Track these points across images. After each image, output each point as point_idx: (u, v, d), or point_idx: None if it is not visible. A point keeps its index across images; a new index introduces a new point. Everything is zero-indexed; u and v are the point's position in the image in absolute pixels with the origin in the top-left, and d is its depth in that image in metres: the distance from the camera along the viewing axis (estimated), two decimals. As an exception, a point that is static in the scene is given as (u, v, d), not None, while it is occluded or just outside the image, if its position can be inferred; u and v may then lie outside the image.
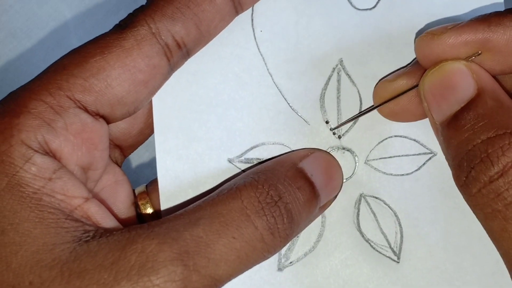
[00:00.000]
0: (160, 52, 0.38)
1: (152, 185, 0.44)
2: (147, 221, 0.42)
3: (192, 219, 0.35)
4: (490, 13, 0.36)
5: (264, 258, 0.37)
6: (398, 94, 0.39)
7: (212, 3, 0.38)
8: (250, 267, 0.36)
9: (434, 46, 0.37)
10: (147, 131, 0.43)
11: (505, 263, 0.35)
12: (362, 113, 0.41)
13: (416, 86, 0.39)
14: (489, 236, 0.35)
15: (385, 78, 0.41)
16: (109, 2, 0.77)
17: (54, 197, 0.35)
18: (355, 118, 0.42)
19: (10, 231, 0.34)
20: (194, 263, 0.34)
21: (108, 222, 0.37)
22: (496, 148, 0.34)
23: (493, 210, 0.34)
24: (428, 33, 0.37)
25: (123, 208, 0.42)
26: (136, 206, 0.43)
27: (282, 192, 0.37)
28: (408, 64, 0.41)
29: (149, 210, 0.43)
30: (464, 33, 0.36)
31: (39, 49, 0.79)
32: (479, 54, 0.36)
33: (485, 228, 0.36)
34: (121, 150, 0.44)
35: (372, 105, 0.41)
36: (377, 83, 0.41)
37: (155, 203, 0.43)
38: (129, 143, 0.43)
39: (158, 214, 0.43)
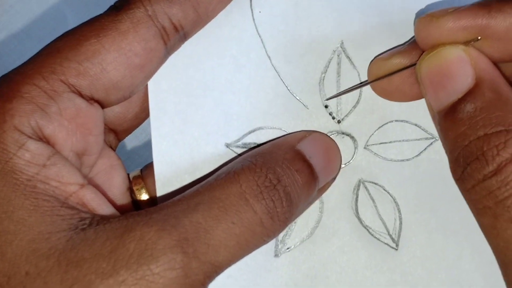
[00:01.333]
0: (156, 35, 0.37)
1: (147, 169, 0.43)
2: (142, 207, 0.42)
3: (190, 204, 0.35)
4: None
5: (264, 242, 0.36)
6: (391, 73, 0.39)
7: None
8: (250, 252, 0.36)
9: (433, 29, 0.36)
10: (143, 115, 0.43)
11: (496, 258, 0.35)
12: (351, 89, 0.41)
13: (410, 66, 0.38)
14: (481, 230, 0.35)
15: (380, 56, 0.40)
16: (109, 2, 0.77)
17: (48, 184, 0.35)
18: (344, 93, 0.41)
19: (4, 220, 0.34)
20: (194, 250, 0.33)
21: (104, 209, 0.36)
22: (492, 146, 0.34)
23: (484, 206, 0.34)
24: (427, 15, 0.37)
25: (118, 193, 0.42)
26: (131, 191, 0.43)
27: (280, 175, 0.36)
28: (406, 42, 0.41)
29: (144, 195, 0.42)
30: (464, 18, 0.35)
31: (39, 49, 0.79)
32: (478, 40, 0.36)
33: (478, 223, 0.35)
34: (115, 134, 0.43)
35: (365, 80, 0.41)
36: (372, 60, 0.41)
37: (151, 188, 0.42)
38: (124, 127, 0.42)
39: (153, 199, 0.42)
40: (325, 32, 0.41)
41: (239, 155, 0.41)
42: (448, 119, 0.36)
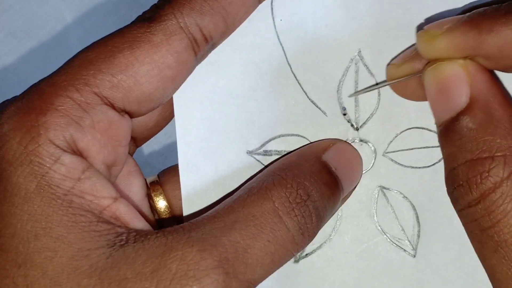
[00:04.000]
0: (188, 47, 0.37)
1: (165, 176, 0.44)
2: (160, 214, 0.42)
3: (227, 222, 0.35)
4: (483, 13, 0.35)
5: (292, 257, 0.37)
6: (401, 78, 0.39)
7: None
8: (280, 267, 0.36)
9: (430, 47, 0.36)
10: (163, 123, 0.43)
11: None
12: (367, 90, 0.41)
13: (417, 74, 0.38)
14: None
15: (393, 61, 0.41)
16: (109, 2, 0.77)
17: (83, 198, 0.34)
18: (360, 93, 0.41)
19: (44, 236, 0.33)
20: (234, 270, 0.33)
21: (136, 222, 0.36)
22: (476, 174, 0.34)
23: (471, 232, 0.35)
24: (424, 32, 0.37)
25: (137, 200, 0.42)
26: (149, 197, 0.43)
27: (310, 190, 0.37)
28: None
29: (162, 202, 0.43)
30: (456, 39, 0.35)
31: (39, 49, 0.79)
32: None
33: None
34: (134, 141, 0.43)
35: (382, 81, 0.41)
36: (387, 64, 0.41)
37: (169, 195, 0.43)
38: (145, 135, 0.42)
39: (171, 206, 0.43)
40: (342, 41, 0.41)
41: (263, 164, 0.41)
42: (443, 136, 0.36)
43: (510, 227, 0.33)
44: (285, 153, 0.41)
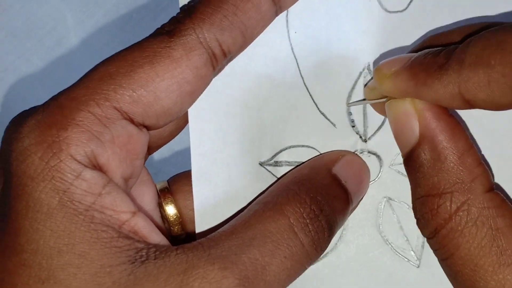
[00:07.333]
0: (207, 62, 0.37)
1: (176, 184, 0.44)
2: (170, 223, 0.43)
3: (245, 239, 0.35)
4: (423, 61, 0.35)
5: (305, 270, 0.37)
6: (375, 100, 0.40)
7: (258, 10, 0.38)
8: (293, 281, 0.37)
9: (382, 87, 0.37)
10: (176, 132, 0.43)
11: None
12: (352, 103, 0.42)
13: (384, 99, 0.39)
14: None
15: (368, 84, 0.41)
16: (109, 2, 0.77)
17: (104, 214, 0.35)
18: (353, 104, 0.42)
19: (67, 253, 0.34)
20: (253, 287, 0.34)
21: (154, 236, 0.36)
22: (427, 210, 0.35)
23: (438, 259, 0.37)
24: (377, 70, 0.38)
25: (149, 210, 0.42)
26: (159, 205, 0.43)
27: (322, 204, 0.38)
28: None
29: (171, 210, 0.43)
30: (398, 84, 0.36)
31: (39, 49, 0.79)
32: None
33: None
34: (147, 149, 0.43)
35: (355, 101, 0.42)
36: (364, 85, 0.42)
37: (180, 205, 0.43)
38: (158, 144, 0.43)
39: (182, 215, 0.43)
40: (353, 54, 0.42)
41: (274, 175, 0.42)
42: (405, 168, 0.38)
43: (462, 259, 0.34)
44: (296, 164, 0.42)
